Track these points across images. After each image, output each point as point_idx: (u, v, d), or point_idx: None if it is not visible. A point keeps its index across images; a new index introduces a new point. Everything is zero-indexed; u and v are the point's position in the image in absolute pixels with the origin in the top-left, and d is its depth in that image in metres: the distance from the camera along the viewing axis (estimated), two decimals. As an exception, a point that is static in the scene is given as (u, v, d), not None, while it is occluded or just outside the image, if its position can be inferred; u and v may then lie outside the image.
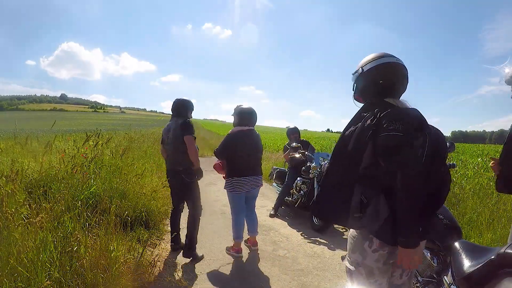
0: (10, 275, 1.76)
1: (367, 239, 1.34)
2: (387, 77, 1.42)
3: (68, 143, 5.35)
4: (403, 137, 1.22)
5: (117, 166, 3.97)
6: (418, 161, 1.24)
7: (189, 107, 3.15)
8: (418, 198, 1.21)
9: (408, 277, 1.50)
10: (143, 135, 9.92)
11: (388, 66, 1.42)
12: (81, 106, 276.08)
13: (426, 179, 1.24)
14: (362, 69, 1.47)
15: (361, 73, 1.48)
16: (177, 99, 3.15)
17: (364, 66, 1.46)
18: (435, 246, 1.88)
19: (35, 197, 2.47)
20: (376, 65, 1.43)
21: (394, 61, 1.42)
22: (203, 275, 2.77)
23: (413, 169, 1.20)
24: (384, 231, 1.27)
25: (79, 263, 2.02)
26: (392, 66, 1.42)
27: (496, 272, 1.42)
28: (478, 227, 3.36)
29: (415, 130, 1.26)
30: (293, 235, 3.94)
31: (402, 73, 1.43)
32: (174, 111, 3.12)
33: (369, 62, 1.45)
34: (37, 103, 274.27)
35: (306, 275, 2.85)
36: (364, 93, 1.50)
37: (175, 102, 3.14)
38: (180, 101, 3.12)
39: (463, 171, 5.73)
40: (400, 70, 1.43)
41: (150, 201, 3.79)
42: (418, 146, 1.25)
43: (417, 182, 1.20)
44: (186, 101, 3.13)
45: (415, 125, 1.27)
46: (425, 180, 1.24)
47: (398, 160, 1.21)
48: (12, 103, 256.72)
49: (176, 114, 3.10)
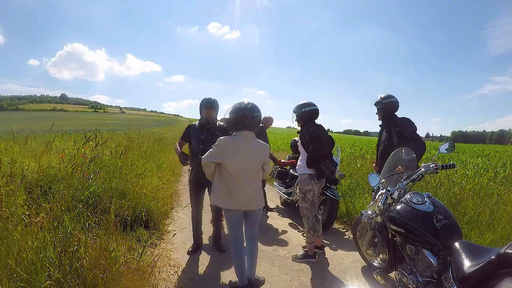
0: (10, 275, 1.76)
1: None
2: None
3: (68, 143, 5.34)
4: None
5: (117, 166, 3.97)
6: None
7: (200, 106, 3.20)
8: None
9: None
10: (143, 135, 9.91)
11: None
12: (81, 106, 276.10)
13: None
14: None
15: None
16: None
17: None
18: (435, 246, 1.88)
19: (35, 197, 2.47)
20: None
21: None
22: (204, 275, 2.77)
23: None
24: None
25: (79, 263, 2.01)
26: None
27: (496, 272, 1.42)
28: (478, 227, 3.36)
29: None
30: (293, 235, 3.94)
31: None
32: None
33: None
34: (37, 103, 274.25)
35: (306, 275, 2.85)
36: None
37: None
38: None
39: (463, 171, 5.73)
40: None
41: (150, 201, 3.79)
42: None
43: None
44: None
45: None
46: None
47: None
48: (12, 103, 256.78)
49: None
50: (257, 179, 2.44)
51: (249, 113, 2.31)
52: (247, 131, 2.35)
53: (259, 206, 2.45)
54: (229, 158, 2.26)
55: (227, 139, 2.30)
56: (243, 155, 2.30)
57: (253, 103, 2.36)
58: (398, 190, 2.34)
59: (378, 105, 3.33)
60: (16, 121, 35.89)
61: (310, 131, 3.04)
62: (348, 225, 4.28)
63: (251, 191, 2.36)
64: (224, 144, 2.27)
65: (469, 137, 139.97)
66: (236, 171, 2.29)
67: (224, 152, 2.26)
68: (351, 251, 3.39)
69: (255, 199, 2.40)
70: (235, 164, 2.28)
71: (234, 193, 2.30)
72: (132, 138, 7.66)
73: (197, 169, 3.03)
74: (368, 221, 2.67)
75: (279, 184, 5.28)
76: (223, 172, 2.31)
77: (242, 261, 2.41)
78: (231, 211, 2.35)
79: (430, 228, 1.90)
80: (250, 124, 2.32)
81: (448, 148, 2.56)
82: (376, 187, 2.70)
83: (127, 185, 3.64)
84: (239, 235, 2.45)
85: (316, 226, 3.12)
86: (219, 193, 2.34)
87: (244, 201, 2.33)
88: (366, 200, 4.48)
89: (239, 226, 2.44)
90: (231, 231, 2.46)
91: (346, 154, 8.90)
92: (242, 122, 2.31)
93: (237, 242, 2.43)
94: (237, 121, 2.32)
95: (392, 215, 2.14)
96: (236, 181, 2.30)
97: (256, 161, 2.39)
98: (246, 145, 2.32)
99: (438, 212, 1.97)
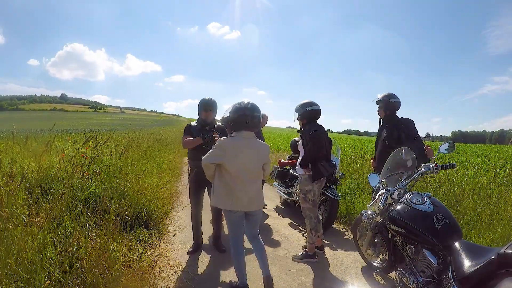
0: (10, 275, 1.76)
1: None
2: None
3: (68, 143, 5.34)
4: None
5: (117, 166, 3.97)
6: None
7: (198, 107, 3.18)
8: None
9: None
10: (143, 135, 9.91)
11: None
12: (81, 106, 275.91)
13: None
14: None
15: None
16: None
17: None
18: (435, 246, 1.88)
19: (35, 197, 2.47)
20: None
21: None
22: (204, 275, 2.77)
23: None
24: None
25: (79, 263, 2.01)
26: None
27: (496, 272, 1.42)
28: (478, 227, 3.36)
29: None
30: (293, 235, 3.94)
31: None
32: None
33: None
34: (37, 103, 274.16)
35: (306, 275, 2.85)
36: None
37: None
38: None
39: (463, 171, 5.73)
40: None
41: (150, 201, 3.79)
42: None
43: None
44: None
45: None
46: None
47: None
48: (12, 103, 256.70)
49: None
50: (258, 179, 2.43)
51: (249, 112, 2.28)
52: (247, 131, 2.32)
53: (260, 206, 2.44)
54: (229, 159, 2.24)
55: (226, 140, 2.28)
56: (243, 155, 2.28)
57: (253, 103, 2.32)
58: (398, 190, 2.34)
59: (383, 104, 3.28)
60: (16, 121, 35.88)
61: (312, 131, 3.06)
62: (348, 225, 4.28)
63: (251, 192, 2.34)
64: (224, 144, 2.26)
65: (469, 137, 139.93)
66: (237, 171, 2.27)
67: (224, 153, 2.24)
68: (351, 251, 3.39)
69: (255, 200, 2.38)
70: (236, 165, 2.26)
71: (235, 194, 2.29)
72: (132, 138, 7.66)
73: (198, 169, 3.02)
74: (368, 221, 2.67)
75: (279, 184, 5.28)
76: (224, 173, 2.29)
77: (242, 262, 2.41)
78: (231, 212, 2.34)
79: (430, 228, 1.90)
80: (250, 124, 2.29)
81: (448, 148, 2.56)
82: (376, 187, 2.70)
83: (127, 185, 3.64)
84: (239, 236, 2.44)
85: (317, 226, 3.12)
86: (219, 194, 2.33)
87: (245, 202, 2.31)
88: (366, 200, 4.48)
89: (240, 227, 2.43)
90: (231, 232, 2.45)
91: (346, 154, 8.90)
92: (242, 122, 2.28)
93: (237, 242, 2.42)
94: (237, 121, 2.30)
95: (392, 215, 2.14)
96: (236, 182, 2.28)
97: (257, 162, 2.38)
98: (246, 145, 2.30)
99: (438, 212, 1.97)
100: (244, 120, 2.28)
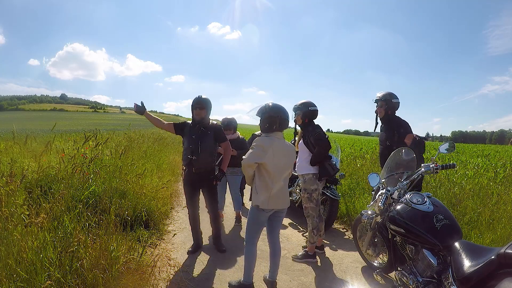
0: (10, 275, 1.76)
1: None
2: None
3: (68, 143, 5.34)
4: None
5: (117, 166, 3.97)
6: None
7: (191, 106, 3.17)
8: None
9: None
10: (143, 135, 9.91)
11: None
12: (81, 106, 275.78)
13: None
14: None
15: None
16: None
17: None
18: (435, 246, 1.88)
19: (35, 197, 2.47)
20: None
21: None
22: (204, 275, 2.77)
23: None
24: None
25: (79, 263, 2.01)
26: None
27: (496, 272, 1.42)
28: (478, 227, 3.36)
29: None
30: (293, 235, 3.93)
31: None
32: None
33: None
34: (37, 103, 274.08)
35: (306, 275, 2.85)
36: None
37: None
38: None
39: (463, 171, 5.73)
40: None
41: (150, 201, 3.79)
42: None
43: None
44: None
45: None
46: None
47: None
48: (12, 103, 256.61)
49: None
50: (288, 177, 2.53)
51: (281, 114, 2.39)
52: (280, 132, 2.43)
53: (288, 204, 2.54)
54: (269, 158, 2.30)
55: (265, 140, 2.34)
56: (279, 155, 2.35)
57: (280, 105, 2.44)
58: (398, 190, 2.34)
59: (385, 103, 3.16)
60: (16, 121, 35.88)
61: (317, 133, 3.08)
62: (348, 225, 4.28)
63: (285, 189, 2.47)
64: (264, 144, 2.31)
65: (469, 137, 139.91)
66: (274, 170, 2.33)
67: (265, 153, 2.29)
68: (351, 251, 3.39)
69: (287, 197, 2.49)
70: (274, 164, 2.32)
71: (272, 193, 2.35)
72: (132, 138, 7.66)
73: (188, 168, 3.11)
74: (368, 221, 2.67)
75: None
76: (263, 172, 2.35)
77: (254, 262, 2.47)
78: (264, 211, 2.39)
79: (430, 228, 1.90)
80: (281, 124, 2.39)
81: (448, 148, 2.56)
82: (376, 187, 2.70)
83: (127, 185, 3.64)
84: (258, 237, 2.51)
85: (319, 225, 3.13)
86: (261, 193, 2.37)
87: (279, 200, 2.40)
88: (366, 200, 4.48)
89: (262, 227, 2.51)
90: (253, 232, 2.48)
91: (346, 154, 8.90)
92: (274, 122, 2.37)
93: (253, 241, 2.47)
94: (271, 122, 2.37)
95: (392, 215, 2.14)
96: (273, 180, 2.35)
97: (289, 160, 2.46)
98: (280, 145, 2.38)
99: (438, 212, 1.97)
100: (276, 121, 2.38)
